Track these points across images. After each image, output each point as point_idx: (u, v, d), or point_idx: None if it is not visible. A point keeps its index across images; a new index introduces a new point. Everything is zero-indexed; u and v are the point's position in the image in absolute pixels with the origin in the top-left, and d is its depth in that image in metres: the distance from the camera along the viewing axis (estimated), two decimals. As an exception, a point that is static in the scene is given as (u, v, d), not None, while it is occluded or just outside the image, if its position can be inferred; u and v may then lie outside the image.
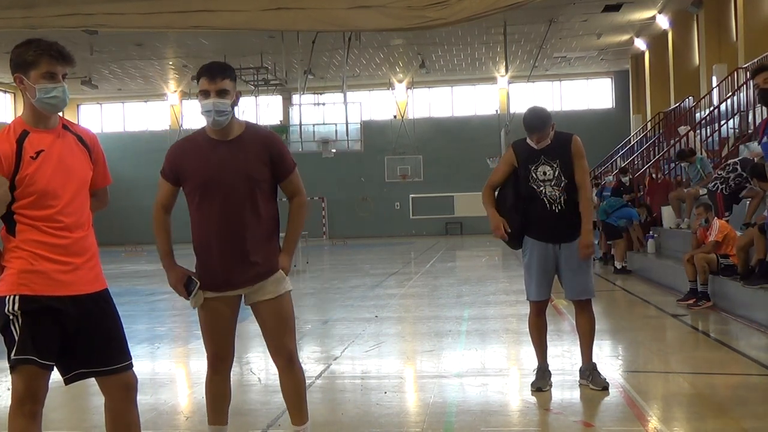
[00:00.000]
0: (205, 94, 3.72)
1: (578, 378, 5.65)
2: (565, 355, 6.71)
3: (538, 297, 5.51)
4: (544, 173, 5.34)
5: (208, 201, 3.76)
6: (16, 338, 3.02)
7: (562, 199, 5.32)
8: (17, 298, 3.03)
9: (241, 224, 3.76)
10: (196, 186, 3.78)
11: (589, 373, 5.54)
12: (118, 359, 3.24)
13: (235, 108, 3.83)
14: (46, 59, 3.07)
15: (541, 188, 5.33)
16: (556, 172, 5.32)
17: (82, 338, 3.15)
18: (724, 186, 11.46)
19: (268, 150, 3.81)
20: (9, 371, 3.10)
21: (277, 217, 3.92)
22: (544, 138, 5.35)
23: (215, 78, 3.71)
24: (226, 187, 3.73)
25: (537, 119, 5.33)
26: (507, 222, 5.41)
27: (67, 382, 3.23)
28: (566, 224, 5.35)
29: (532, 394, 5.38)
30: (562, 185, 5.32)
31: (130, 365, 3.28)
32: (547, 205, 5.33)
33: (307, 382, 6.11)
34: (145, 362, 7.54)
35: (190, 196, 3.83)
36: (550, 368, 5.62)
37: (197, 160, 3.79)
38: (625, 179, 16.32)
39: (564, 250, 5.39)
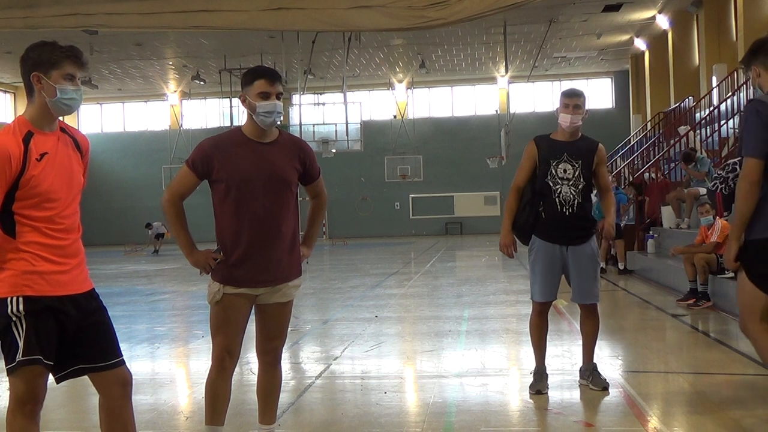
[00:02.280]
0: (265, 96, 3.85)
1: (578, 378, 5.65)
2: (565, 355, 6.71)
3: (541, 298, 5.47)
4: (565, 171, 5.31)
5: (245, 199, 3.85)
6: (20, 340, 3.02)
7: (575, 201, 5.28)
8: (21, 299, 3.03)
9: (275, 225, 3.89)
10: (233, 183, 3.85)
11: (590, 373, 5.53)
12: (114, 354, 3.26)
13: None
14: (70, 61, 3.15)
15: (558, 187, 5.29)
16: (577, 172, 5.30)
17: (81, 336, 3.17)
18: (723, 186, 11.46)
19: (301, 156, 4.01)
20: (7, 372, 3.09)
21: (298, 221, 4.10)
22: (580, 109, 5.34)
23: (275, 81, 3.90)
24: (264, 187, 3.85)
25: (578, 89, 5.55)
26: (519, 216, 5.43)
27: (58, 380, 3.24)
28: (575, 227, 5.33)
29: (530, 397, 5.37)
30: (579, 186, 5.29)
31: (123, 361, 3.30)
32: (558, 207, 5.29)
33: (307, 382, 6.15)
34: (145, 362, 7.54)
35: (224, 193, 3.89)
36: (547, 370, 5.61)
37: (237, 158, 3.86)
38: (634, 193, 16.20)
39: (571, 252, 5.36)
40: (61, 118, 3.27)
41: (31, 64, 3.14)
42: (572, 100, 5.38)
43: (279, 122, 3.95)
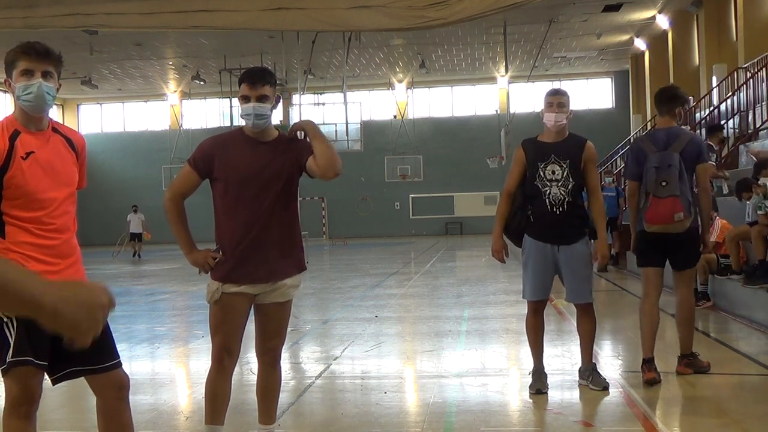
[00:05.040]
0: (245, 99, 3.88)
1: (578, 379, 5.65)
2: (565, 355, 6.71)
3: (532, 297, 5.51)
4: (553, 172, 5.31)
5: (244, 198, 3.88)
6: (11, 341, 3.00)
7: (565, 201, 5.29)
8: None
9: (273, 223, 3.91)
10: (232, 181, 3.88)
11: (589, 373, 5.53)
12: (109, 357, 3.21)
13: (274, 110, 3.98)
14: (23, 57, 3.09)
15: (546, 188, 5.30)
16: (565, 173, 5.29)
17: None
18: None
19: (296, 147, 3.98)
20: (1, 373, 3.07)
21: (298, 219, 4.11)
22: (565, 108, 5.36)
23: (256, 85, 3.89)
24: (262, 185, 3.87)
25: (561, 89, 5.67)
26: (511, 221, 5.47)
27: (54, 382, 3.21)
28: (566, 226, 5.33)
29: (530, 397, 5.37)
30: (569, 186, 5.29)
31: (120, 363, 3.26)
32: (548, 207, 5.30)
33: (307, 382, 6.15)
34: (145, 362, 7.54)
35: (223, 192, 3.92)
36: (546, 370, 5.60)
37: (236, 157, 3.90)
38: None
39: (563, 252, 5.37)
40: (59, 118, 3.25)
41: (5, 69, 3.13)
42: (556, 98, 5.39)
43: (269, 123, 3.92)
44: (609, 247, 5.92)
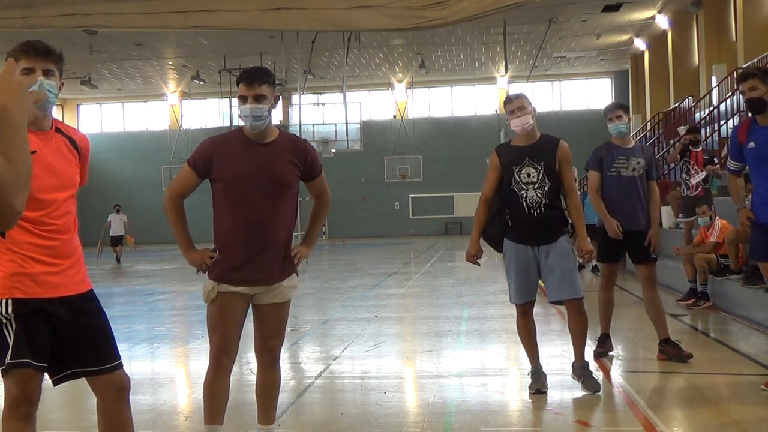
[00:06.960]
0: (242, 99, 3.85)
1: (570, 374, 5.61)
2: (564, 355, 6.70)
3: (518, 300, 5.48)
4: (528, 175, 5.29)
5: (241, 199, 3.87)
6: (10, 342, 2.99)
7: (542, 203, 5.27)
8: (10, 301, 2.99)
9: (270, 225, 3.90)
10: (230, 182, 3.88)
11: (581, 372, 5.48)
12: (110, 359, 3.21)
13: (273, 111, 3.95)
14: (23, 56, 3.06)
15: (523, 191, 5.28)
16: (540, 175, 5.27)
17: (74, 338, 3.12)
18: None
19: (301, 155, 3.99)
20: (1, 374, 3.07)
21: (296, 222, 4.11)
22: (526, 109, 5.31)
23: (252, 84, 3.85)
24: (261, 187, 3.86)
25: (515, 93, 5.58)
26: (490, 226, 5.46)
27: (55, 383, 3.20)
28: (544, 227, 5.31)
29: (530, 397, 5.37)
30: (545, 188, 5.27)
31: (121, 365, 3.26)
32: (526, 210, 5.28)
33: (307, 382, 6.15)
34: (145, 362, 7.54)
35: (221, 193, 3.92)
36: (546, 370, 5.59)
37: (235, 158, 3.89)
38: None
39: (542, 252, 5.35)
40: (59, 119, 3.24)
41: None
42: (514, 103, 5.36)
43: (268, 124, 3.91)
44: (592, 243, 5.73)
